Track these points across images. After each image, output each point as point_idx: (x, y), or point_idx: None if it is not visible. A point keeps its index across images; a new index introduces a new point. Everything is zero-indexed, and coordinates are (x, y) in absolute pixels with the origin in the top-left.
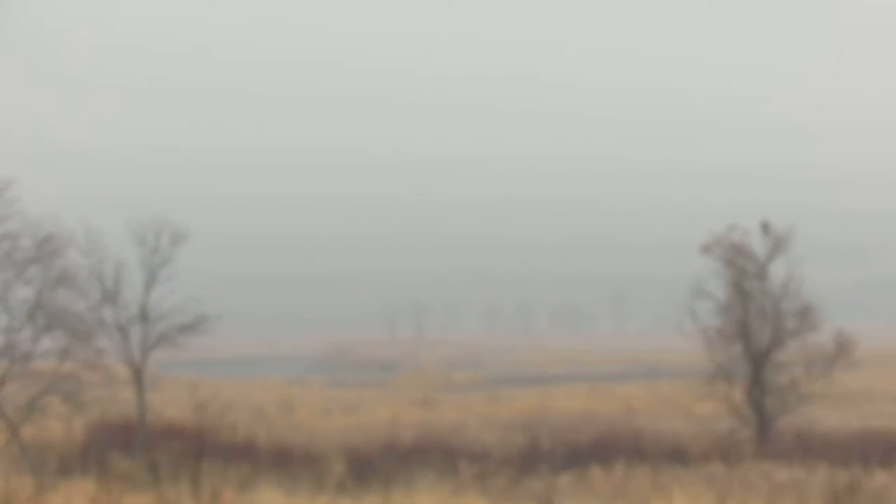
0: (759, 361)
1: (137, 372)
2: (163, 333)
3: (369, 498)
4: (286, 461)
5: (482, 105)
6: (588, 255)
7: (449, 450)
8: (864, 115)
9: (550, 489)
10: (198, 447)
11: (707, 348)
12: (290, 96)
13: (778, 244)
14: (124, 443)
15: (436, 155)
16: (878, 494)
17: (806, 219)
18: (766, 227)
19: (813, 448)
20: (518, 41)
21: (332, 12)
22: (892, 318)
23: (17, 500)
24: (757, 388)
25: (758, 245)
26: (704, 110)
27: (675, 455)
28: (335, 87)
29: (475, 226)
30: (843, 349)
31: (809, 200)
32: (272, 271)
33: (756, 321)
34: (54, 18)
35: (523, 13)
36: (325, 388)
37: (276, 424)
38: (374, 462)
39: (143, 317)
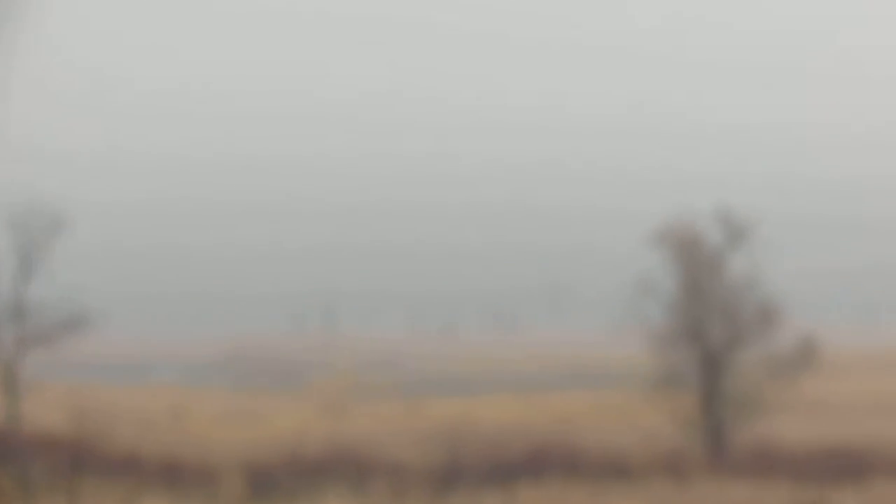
0: (714, 366)
1: (9, 375)
2: (39, 332)
3: None
4: (176, 475)
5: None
6: (524, 239)
7: (361, 464)
8: None
9: None
10: (76, 460)
11: (656, 351)
12: None
13: (736, 235)
14: None
15: None
16: None
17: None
18: (723, 218)
19: (774, 463)
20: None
21: None
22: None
23: None
24: (712, 396)
25: (716, 235)
26: None
27: (618, 471)
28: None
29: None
30: (805, 354)
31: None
32: (163, 243)
33: (711, 320)
34: None
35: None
36: (223, 395)
37: (166, 435)
38: (276, 476)
39: (17, 313)
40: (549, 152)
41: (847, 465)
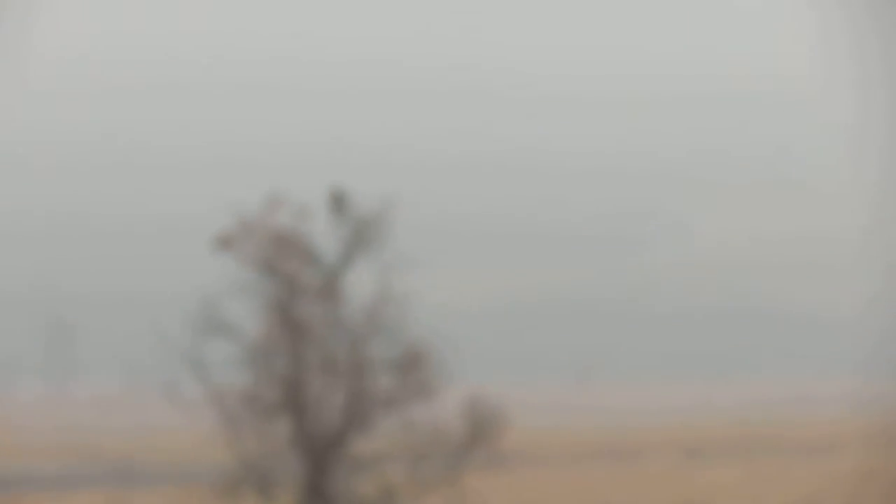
0: (321, 455)
1: None
2: None
3: None
4: None
5: None
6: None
7: None
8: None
9: None
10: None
11: (226, 429)
12: None
13: (360, 233)
14: None
15: None
16: None
17: None
18: (337, 201)
19: None
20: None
21: None
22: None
23: None
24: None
25: (329, 236)
26: None
27: None
28: None
29: None
30: (480, 432)
31: None
32: None
33: (319, 379)
34: None
35: None
36: None
37: None
38: None
39: None
40: None
41: None
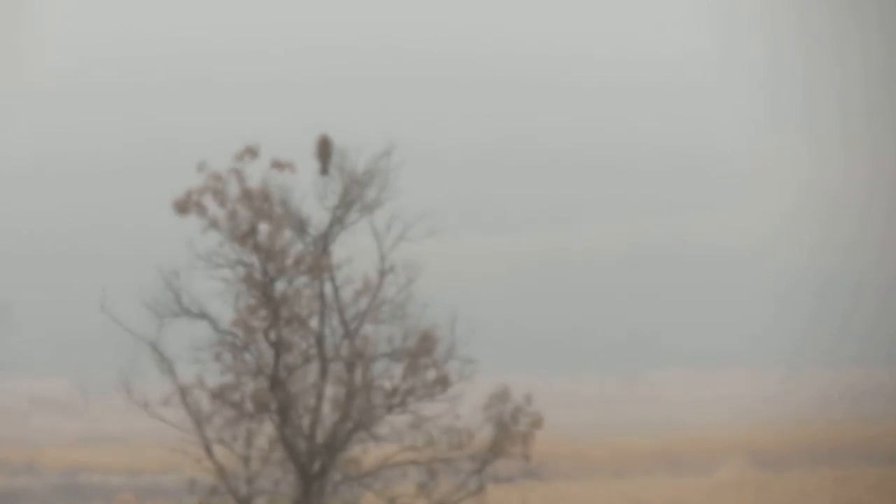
0: (311, 463)
1: None
2: None
3: None
4: None
5: None
6: None
7: None
8: None
9: None
10: None
11: (195, 434)
12: None
13: (353, 184)
14: None
15: None
16: None
17: None
18: (324, 147)
19: None
20: None
21: None
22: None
23: None
24: None
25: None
26: None
27: None
28: None
29: None
30: (507, 435)
31: None
32: None
33: (307, 372)
34: None
35: None
36: None
37: None
38: None
39: None
40: None
41: None
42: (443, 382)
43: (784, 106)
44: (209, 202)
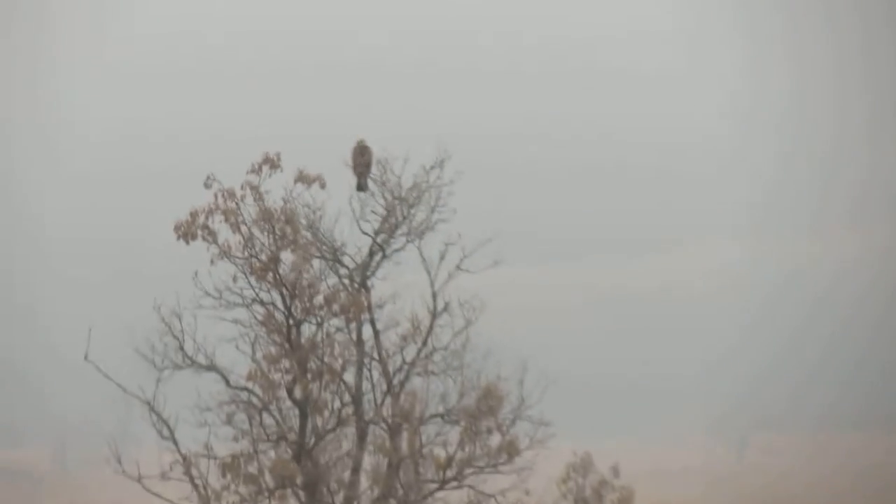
0: None
1: None
2: None
3: None
4: None
5: None
6: None
7: None
8: None
9: None
10: None
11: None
12: None
13: (398, 203)
14: None
15: None
16: None
17: None
18: (361, 156)
19: None
20: None
21: None
22: None
23: None
24: None
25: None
26: None
27: None
28: None
29: None
30: None
31: None
32: None
33: (341, 438)
34: None
35: None
36: None
37: None
38: None
39: None
40: None
41: None
42: (509, 450)
43: None
44: (219, 225)
